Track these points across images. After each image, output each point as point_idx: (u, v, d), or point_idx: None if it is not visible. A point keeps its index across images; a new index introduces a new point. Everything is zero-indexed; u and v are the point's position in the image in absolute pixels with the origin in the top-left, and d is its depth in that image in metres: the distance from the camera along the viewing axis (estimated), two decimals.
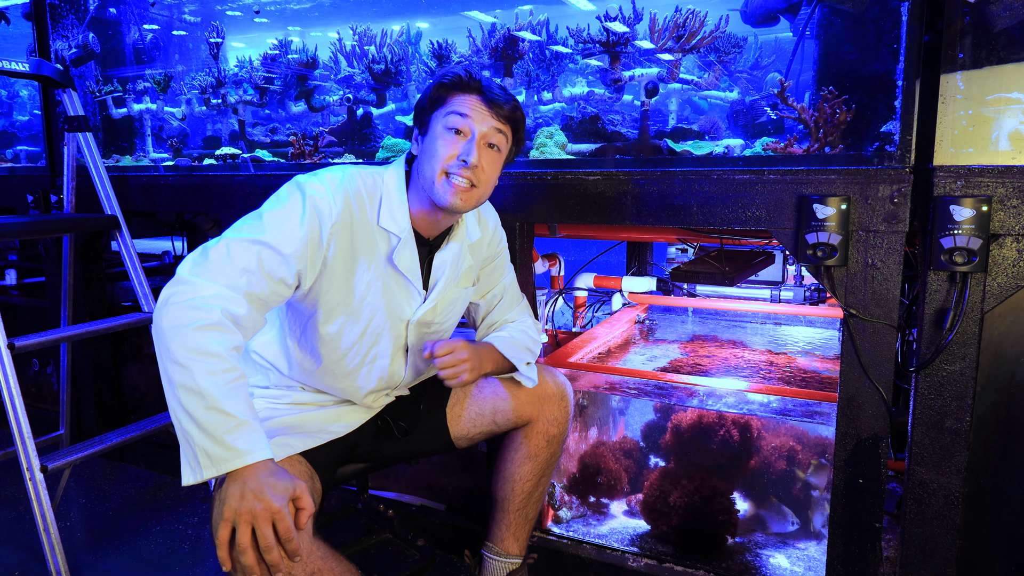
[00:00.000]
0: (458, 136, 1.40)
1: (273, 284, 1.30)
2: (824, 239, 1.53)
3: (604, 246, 2.90)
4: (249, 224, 1.33)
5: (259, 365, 1.58)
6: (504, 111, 1.42)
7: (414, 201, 1.47)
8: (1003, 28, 1.42)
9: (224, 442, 1.15)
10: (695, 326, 2.90)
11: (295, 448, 1.42)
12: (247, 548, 1.11)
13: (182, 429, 1.18)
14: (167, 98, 2.71)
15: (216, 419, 1.15)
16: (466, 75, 1.42)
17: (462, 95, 1.41)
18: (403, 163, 1.51)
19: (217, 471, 1.15)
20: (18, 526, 2.34)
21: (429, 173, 1.41)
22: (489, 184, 1.45)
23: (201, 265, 1.26)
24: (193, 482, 1.17)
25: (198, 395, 1.16)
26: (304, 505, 1.16)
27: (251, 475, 1.14)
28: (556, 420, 1.65)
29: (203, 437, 1.15)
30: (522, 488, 1.66)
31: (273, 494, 1.12)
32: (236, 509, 1.12)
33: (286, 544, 1.12)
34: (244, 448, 1.15)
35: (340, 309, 1.44)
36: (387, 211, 1.44)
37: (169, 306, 1.20)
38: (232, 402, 1.17)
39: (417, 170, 1.45)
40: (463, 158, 1.38)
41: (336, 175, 1.41)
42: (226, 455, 1.15)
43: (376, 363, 1.53)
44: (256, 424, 1.19)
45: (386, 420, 1.66)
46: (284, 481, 1.15)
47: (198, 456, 1.16)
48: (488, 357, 1.58)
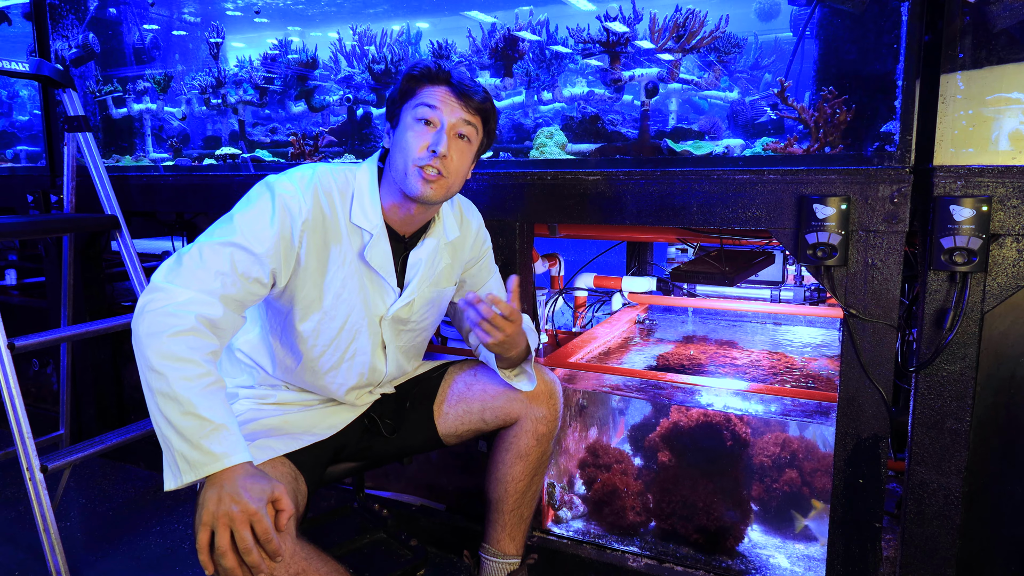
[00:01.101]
0: (427, 127, 1.40)
1: (248, 284, 1.31)
2: (824, 239, 1.53)
3: (604, 246, 2.90)
4: (220, 227, 1.35)
5: (244, 364, 1.59)
6: (474, 102, 1.43)
7: (387, 196, 1.48)
8: (1003, 28, 1.42)
9: (201, 446, 1.16)
10: (695, 326, 2.90)
11: (278, 450, 1.41)
12: (226, 551, 1.12)
13: (162, 435, 1.19)
14: (167, 98, 2.71)
15: (193, 424, 1.16)
16: (435, 66, 1.42)
17: (431, 86, 1.42)
18: (376, 160, 1.51)
19: (196, 475, 1.16)
20: (18, 526, 2.34)
21: (401, 164, 1.41)
22: (459, 174, 1.45)
23: (175, 271, 1.27)
24: (175, 487, 1.18)
25: (174, 401, 1.17)
26: (284, 507, 1.16)
27: (228, 479, 1.15)
28: (545, 418, 1.63)
29: (181, 442, 1.16)
30: (515, 488, 1.66)
31: (250, 496, 1.13)
32: (214, 512, 1.13)
33: (266, 545, 1.13)
34: (220, 452, 1.16)
35: (315, 306, 1.45)
36: (359, 207, 1.45)
37: (145, 314, 1.22)
38: (208, 407, 1.17)
39: (389, 163, 1.46)
40: (433, 148, 1.38)
41: (306, 173, 1.42)
42: (203, 459, 1.16)
43: (356, 359, 1.53)
44: (234, 428, 1.20)
45: (373, 419, 1.66)
46: (261, 483, 1.16)
47: (177, 461, 1.17)
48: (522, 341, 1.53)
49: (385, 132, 1.50)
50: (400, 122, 1.44)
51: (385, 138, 1.50)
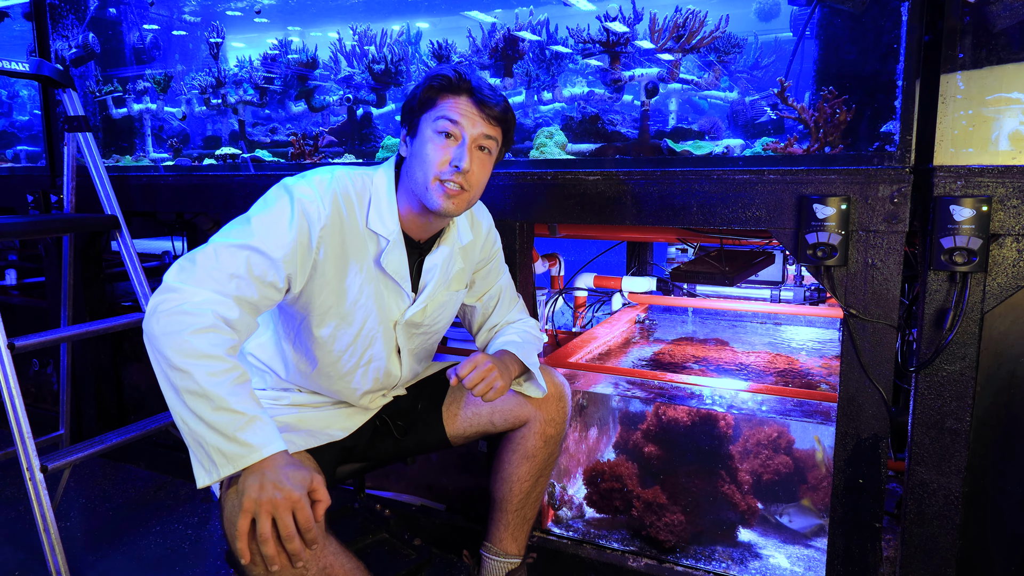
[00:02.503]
0: (448, 140, 1.38)
1: (263, 288, 1.30)
2: (824, 239, 1.53)
3: (604, 246, 2.90)
4: (237, 229, 1.32)
5: (256, 368, 1.59)
6: (495, 112, 1.40)
7: (403, 203, 1.46)
8: (1003, 28, 1.42)
9: (238, 439, 1.16)
10: (695, 326, 2.90)
11: (298, 445, 1.42)
12: (268, 538, 1.12)
13: (191, 432, 1.18)
14: (167, 98, 2.71)
15: (226, 418, 1.16)
16: (456, 76, 1.38)
17: (452, 97, 1.38)
18: (393, 164, 1.50)
19: (234, 468, 1.16)
20: (18, 526, 2.34)
21: (421, 178, 1.39)
22: (480, 186, 1.44)
23: (189, 271, 1.26)
24: (209, 483, 1.18)
25: (204, 397, 1.16)
26: (320, 497, 1.17)
27: (269, 467, 1.15)
28: (554, 420, 1.64)
29: (216, 437, 1.16)
30: (520, 488, 1.66)
31: (292, 484, 1.14)
32: (256, 499, 1.13)
33: (305, 533, 1.14)
34: (259, 443, 1.16)
35: (333, 312, 1.44)
36: (376, 213, 1.43)
37: (159, 314, 1.20)
38: (239, 400, 1.17)
39: (407, 173, 1.43)
40: (455, 163, 1.36)
41: (324, 177, 1.40)
42: (242, 451, 1.16)
43: (372, 365, 1.53)
44: (267, 418, 1.20)
45: (384, 420, 1.66)
46: (302, 471, 1.16)
47: (212, 456, 1.17)
48: (510, 362, 1.55)
49: (402, 139, 1.46)
50: (419, 133, 1.41)
51: (401, 145, 1.46)
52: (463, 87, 1.39)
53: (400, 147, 1.47)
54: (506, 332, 1.68)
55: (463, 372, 1.43)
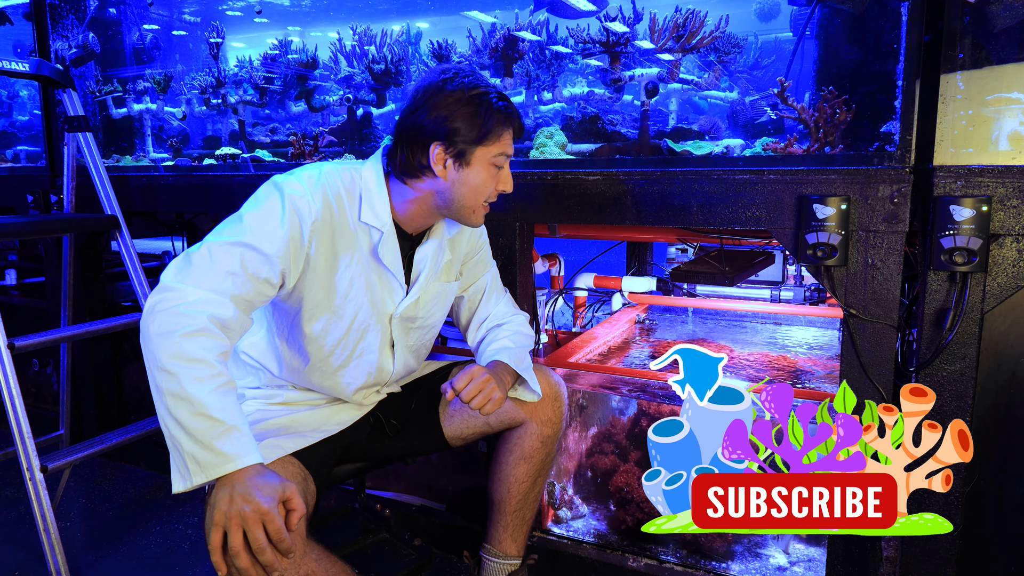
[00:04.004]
0: (498, 169, 1.46)
1: (258, 284, 1.31)
2: (824, 239, 1.53)
3: (604, 246, 2.90)
4: (230, 227, 1.34)
5: (249, 366, 1.59)
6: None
7: (396, 196, 1.48)
8: (1003, 28, 1.42)
9: (213, 447, 1.15)
10: (695, 326, 2.90)
11: (287, 449, 1.41)
12: (240, 551, 1.12)
13: (171, 435, 1.18)
14: (167, 98, 2.71)
15: (204, 425, 1.16)
16: (513, 112, 1.45)
17: (508, 130, 1.44)
18: (379, 157, 1.51)
19: (207, 477, 1.16)
20: (18, 526, 2.34)
21: (470, 203, 1.45)
22: None
23: (185, 271, 1.27)
24: (183, 489, 1.18)
25: (186, 401, 1.16)
26: (295, 506, 1.16)
27: (239, 479, 1.15)
28: (550, 421, 1.64)
29: (192, 443, 1.16)
30: (518, 490, 1.66)
31: (261, 496, 1.13)
32: (226, 513, 1.12)
33: (278, 545, 1.13)
34: (232, 453, 1.16)
35: (323, 307, 1.45)
36: (368, 206, 1.45)
37: (155, 313, 1.21)
38: (220, 407, 1.17)
39: (442, 194, 1.44)
40: (503, 188, 1.47)
41: (313, 173, 1.42)
42: (215, 460, 1.15)
43: (363, 359, 1.54)
44: (245, 429, 1.19)
45: (379, 418, 1.66)
46: (273, 483, 1.15)
47: (187, 462, 1.17)
48: (504, 371, 1.57)
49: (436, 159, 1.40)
50: (473, 163, 1.42)
51: (437, 167, 1.40)
52: (513, 119, 1.45)
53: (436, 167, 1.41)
54: (497, 338, 1.67)
55: (459, 386, 1.45)
